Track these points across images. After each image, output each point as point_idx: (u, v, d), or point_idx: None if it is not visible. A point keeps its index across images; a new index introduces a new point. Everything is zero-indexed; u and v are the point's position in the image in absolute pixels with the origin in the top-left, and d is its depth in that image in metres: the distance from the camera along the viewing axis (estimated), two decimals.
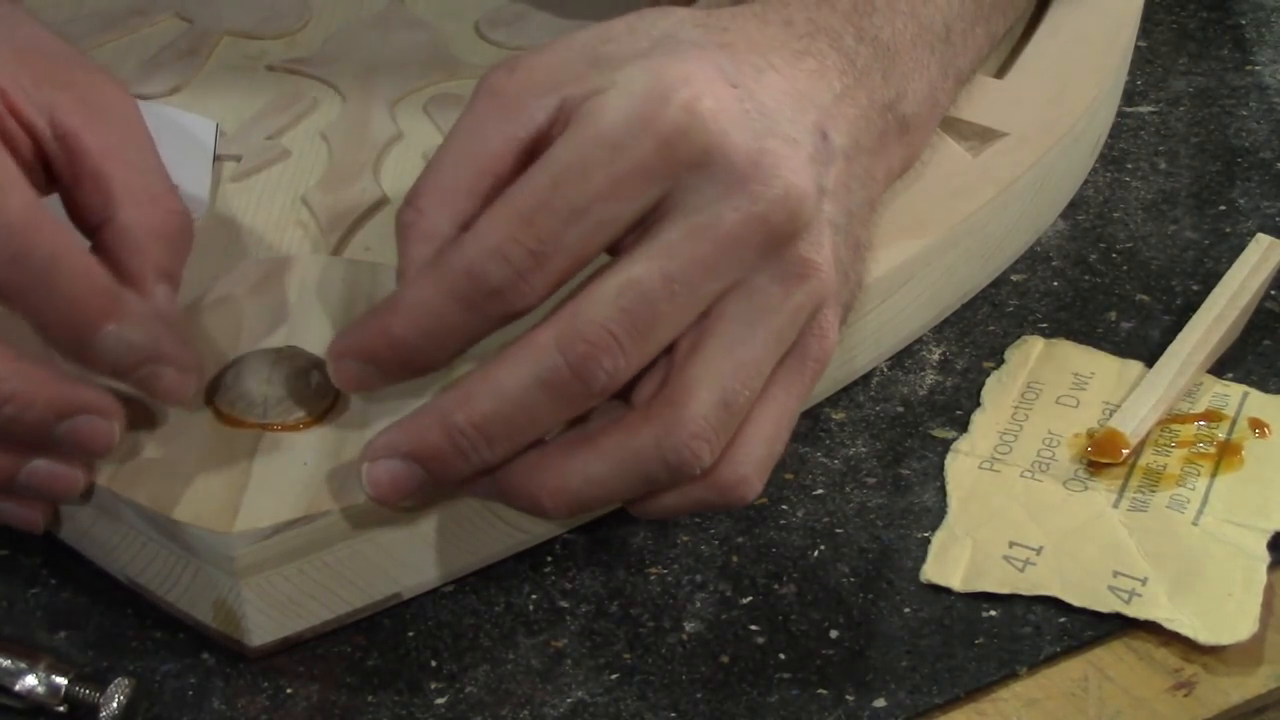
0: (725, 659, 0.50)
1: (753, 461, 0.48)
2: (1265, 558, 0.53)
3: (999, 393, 0.59)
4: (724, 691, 0.50)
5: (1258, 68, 0.76)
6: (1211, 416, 0.57)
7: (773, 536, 0.54)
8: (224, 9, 0.70)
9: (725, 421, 0.47)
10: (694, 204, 0.47)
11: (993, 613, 0.52)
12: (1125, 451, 0.56)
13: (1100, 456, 0.56)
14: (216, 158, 0.62)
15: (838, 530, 0.54)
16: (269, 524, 0.48)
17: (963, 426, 0.58)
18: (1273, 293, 0.63)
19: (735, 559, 0.53)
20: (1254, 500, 0.54)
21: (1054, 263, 0.65)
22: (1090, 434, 0.57)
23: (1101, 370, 0.59)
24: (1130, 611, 0.51)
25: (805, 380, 0.49)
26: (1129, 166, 0.70)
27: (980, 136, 0.63)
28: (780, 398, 0.49)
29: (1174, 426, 0.57)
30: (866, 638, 0.51)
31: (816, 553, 0.54)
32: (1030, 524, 0.54)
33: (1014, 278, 0.64)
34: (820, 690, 0.50)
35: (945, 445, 0.57)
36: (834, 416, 0.58)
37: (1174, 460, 0.56)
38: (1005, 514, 0.54)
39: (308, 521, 0.49)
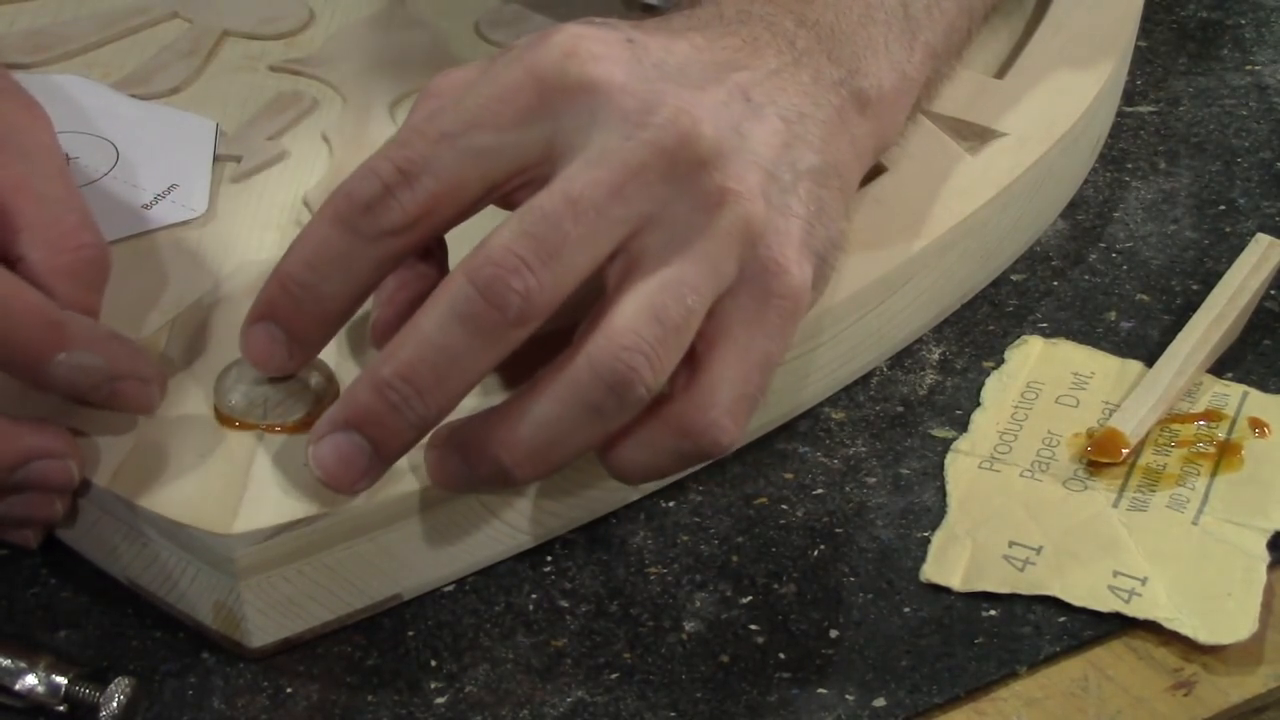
0: (725, 659, 0.50)
1: (721, 404, 0.48)
2: (1265, 557, 0.53)
3: (999, 393, 0.59)
4: (724, 691, 0.50)
5: (1258, 68, 0.76)
6: (1211, 416, 0.57)
7: (773, 536, 0.54)
8: (224, 9, 0.70)
9: (660, 337, 0.46)
10: (583, 142, 0.47)
11: (993, 612, 0.52)
12: (1125, 451, 0.56)
13: (1100, 456, 0.56)
14: (216, 158, 0.62)
15: (838, 530, 0.54)
16: (269, 525, 0.48)
17: (963, 426, 0.58)
18: (1273, 292, 0.63)
19: (735, 559, 0.53)
20: (1254, 500, 0.54)
21: (1054, 263, 0.65)
22: (1090, 434, 0.57)
23: (1101, 370, 0.59)
24: (1130, 611, 0.51)
25: (772, 319, 0.48)
26: (1129, 166, 0.70)
27: (980, 136, 0.63)
28: (743, 336, 0.48)
29: (1174, 426, 0.57)
30: (866, 638, 0.51)
31: (816, 553, 0.54)
32: (1030, 524, 0.54)
33: (1014, 278, 0.64)
34: (820, 690, 0.50)
35: (945, 445, 0.57)
36: (834, 416, 0.58)
37: (1174, 460, 0.56)
38: (1005, 514, 0.54)
39: (308, 523, 0.49)
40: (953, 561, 0.53)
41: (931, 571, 0.53)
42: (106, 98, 0.65)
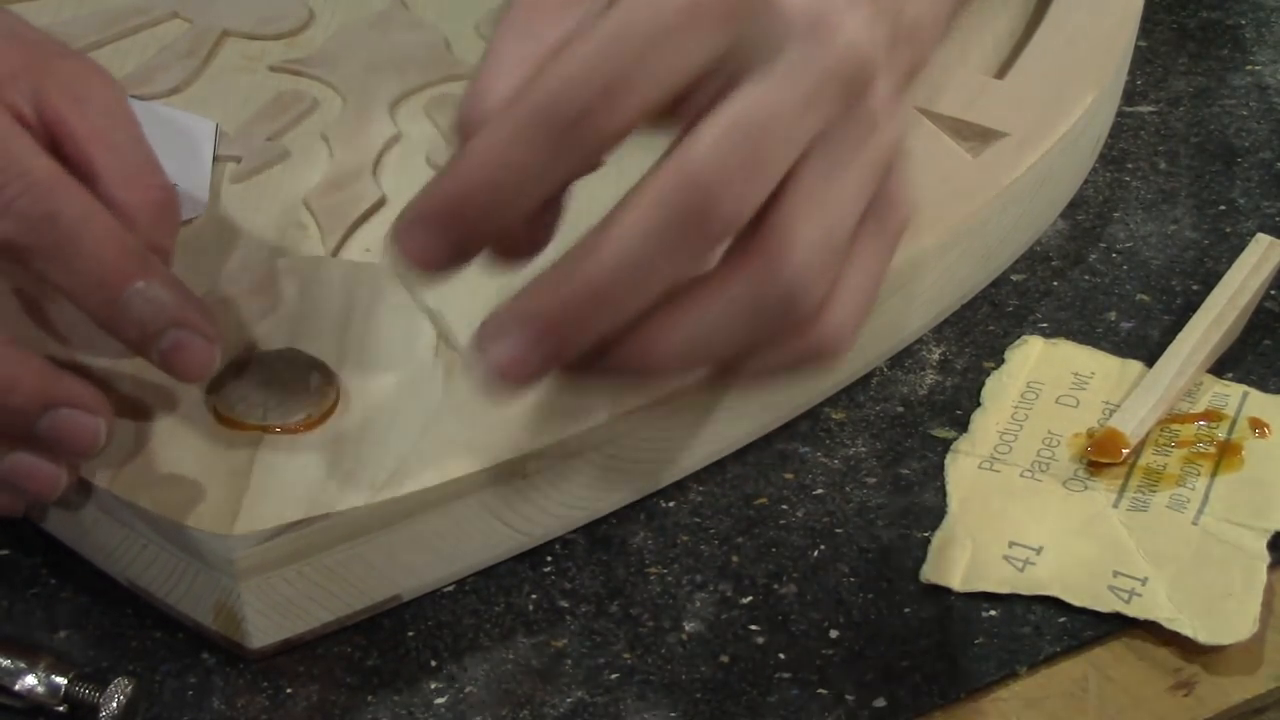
0: (725, 659, 0.51)
1: (849, 322, 0.48)
2: (1265, 558, 0.53)
3: (999, 393, 0.59)
4: (724, 691, 0.50)
5: (1258, 68, 0.76)
6: (1211, 416, 0.57)
7: (773, 536, 0.54)
8: (224, 9, 0.70)
9: (826, 259, 0.46)
10: (766, 55, 0.45)
11: (993, 613, 0.52)
12: (1125, 451, 0.56)
13: (1100, 456, 0.56)
14: (216, 158, 0.62)
15: (838, 530, 0.54)
16: (269, 526, 0.48)
17: (963, 426, 0.58)
18: (1273, 293, 0.63)
19: (735, 559, 0.53)
20: (1254, 500, 0.54)
21: (1054, 263, 0.65)
22: (1090, 434, 0.57)
23: (1101, 370, 0.59)
24: (1130, 611, 0.51)
25: (887, 244, 0.49)
26: (1129, 166, 0.70)
27: (980, 137, 0.63)
28: (867, 258, 0.48)
29: (1174, 426, 0.57)
30: (866, 638, 0.51)
31: (816, 553, 0.54)
32: (1030, 524, 0.54)
33: (1014, 278, 0.64)
34: (820, 690, 0.50)
35: (945, 445, 0.57)
36: (834, 416, 0.58)
37: (1174, 460, 0.56)
38: (1005, 514, 0.54)
39: (308, 524, 0.49)
40: (952, 562, 0.53)
41: (931, 572, 0.53)
42: None
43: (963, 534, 0.54)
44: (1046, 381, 0.59)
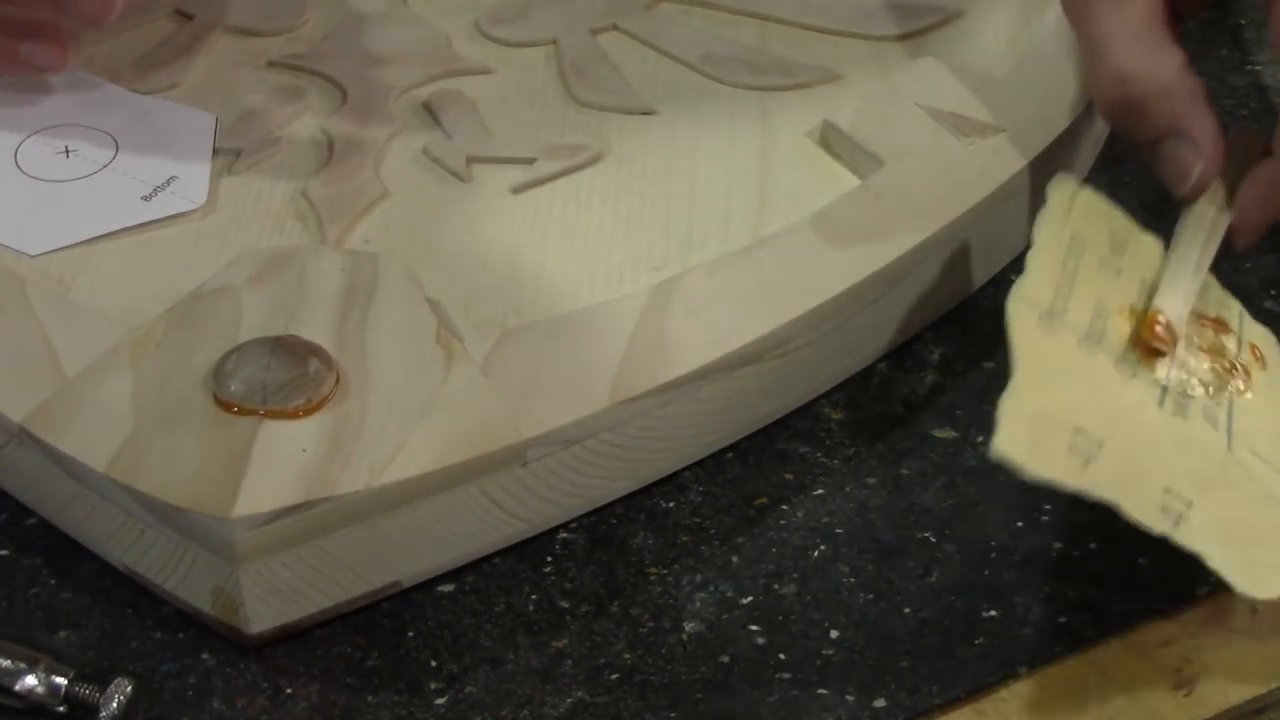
0: (725, 659, 0.50)
1: None
2: None
3: (1048, 233, 0.55)
4: (724, 691, 0.50)
5: (1258, 68, 0.76)
6: (1221, 327, 0.56)
7: (773, 536, 0.54)
8: (224, 4, 0.70)
9: None
10: None
11: (993, 613, 0.52)
12: (1171, 340, 0.53)
13: (1150, 340, 0.53)
14: (216, 152, 0.62)
15: (838, 530, 0.54)
16: (268, 509, 0.48)
17: (963, 427, 0.58)
18: (1273, 293, 0.63)
19: (735, 559, 0.53)
20: (1272, 435, 0.53)
21: None
22: (1133, 312, 0.54)
23: (1132, 241, 0.57)
24: (1177, 536, 0.48)
25: None
26: (1129, 166, 0.70)
27: (980, 133, 0.62)
28: None
29: (1200, 325, 0.55)
30: (866, 638, 0.51)
31: (816, 553, 0.54)
32: (1090, 407, 0.50)
33: (1014, 276, 0.64)
34: (820, 690, 0.50)
35: (945, 445, 0.57)
36: (834, 416, 0.58)
37: (1204, 365, 0.54)
38: (1069, 388, 0.51)
39: (307, 508, 0.48)
40: (1026, 437, 0.48)
41: (1005, 443, 0.47)
42: (106, 91, 0.65)
43: (1030, 405, 0.49)
44: (1089, 236, 0.56)
